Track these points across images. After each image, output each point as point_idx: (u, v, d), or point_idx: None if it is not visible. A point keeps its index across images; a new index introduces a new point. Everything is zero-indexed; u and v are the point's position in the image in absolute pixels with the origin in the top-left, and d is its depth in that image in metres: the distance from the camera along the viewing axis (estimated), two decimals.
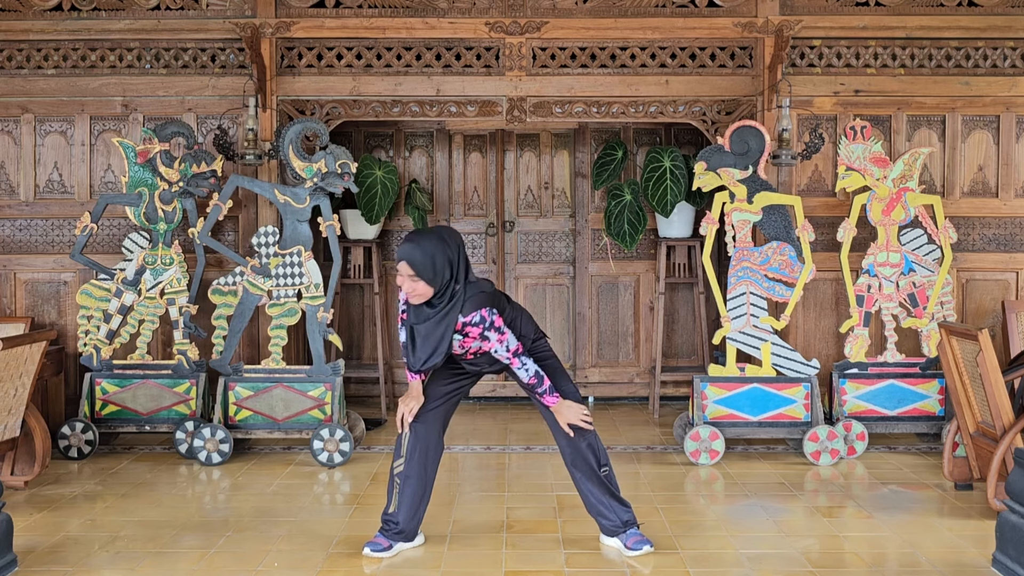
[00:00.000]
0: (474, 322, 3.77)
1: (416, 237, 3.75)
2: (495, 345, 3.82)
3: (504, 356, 3.83)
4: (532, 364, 3.85)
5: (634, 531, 3.96)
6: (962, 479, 4.83)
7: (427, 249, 3.70)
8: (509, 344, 3.83)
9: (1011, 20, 6.11)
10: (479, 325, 3.78)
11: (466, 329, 3.79)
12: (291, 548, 4.04)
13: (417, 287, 3.71)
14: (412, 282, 3.71)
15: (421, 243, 3.72)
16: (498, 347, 3.82)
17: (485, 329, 3.78)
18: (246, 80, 6.08)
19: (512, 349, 3.83)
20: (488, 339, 3.81)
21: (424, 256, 3.68)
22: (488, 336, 3.80)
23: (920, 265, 5.78)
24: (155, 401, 5.73)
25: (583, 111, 6.21)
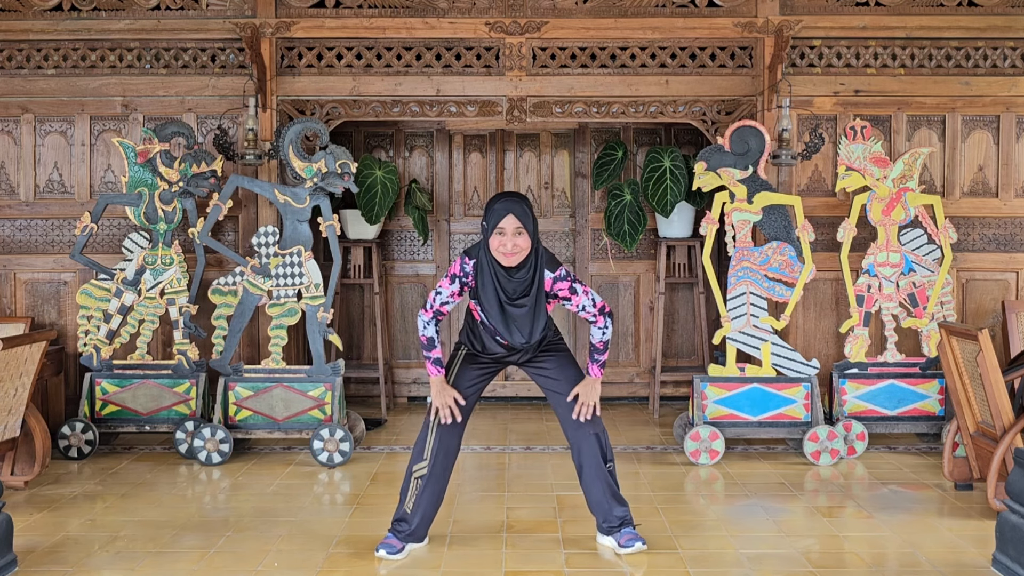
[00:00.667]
0: (562, 275, 3.80)
1: (507, 194, 3.78)
2: (582, 299, 3.84)
3: (592, 311, 3.85)
4: (611, 327, 3.89)
5: (628, 529, 3.96)
6: (962, 479, 4.83)
7: (523, 201, 3.73)
8: (594, 297, 3.87)
9: (1011, 20, 6.11)
10: (567, 279, 3.81)
11: (556, 286, 3.80)
12: (291, 548, 4.04)
13: (520, 241, 3.70)
14: (517, 236, 3.70)
15: (514, 198, 3.73)
16: (585, 300, 3.85)
17: (573, 282, 3.82)
18: (246, 80, 6.08)
19: (599, 304, 3.87)
20: (576, 292, 3.83)
21: (525, 207, 3.71)
22: (576, 289, 3.83)
23: (920, 265, 5.78)
24: (155, 401, 5.73)
25: (583, 111, 6.21)
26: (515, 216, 3.68)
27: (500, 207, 3.71)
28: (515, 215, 3.68)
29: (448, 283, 3.85)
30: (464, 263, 3.82)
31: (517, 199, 3.76)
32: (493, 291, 3.78)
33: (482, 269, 3.78)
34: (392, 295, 7.41)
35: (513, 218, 3.68)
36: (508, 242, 3.70)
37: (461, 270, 3.83)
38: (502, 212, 3.69)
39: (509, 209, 3.69)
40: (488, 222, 3.73)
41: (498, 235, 3.71)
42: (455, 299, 3.90)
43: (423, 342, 3.94)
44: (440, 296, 3.88)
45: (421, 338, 3.95)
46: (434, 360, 3.94)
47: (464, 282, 3.85)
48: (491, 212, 3.73)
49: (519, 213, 3.69)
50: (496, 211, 3.71)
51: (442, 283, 3.88)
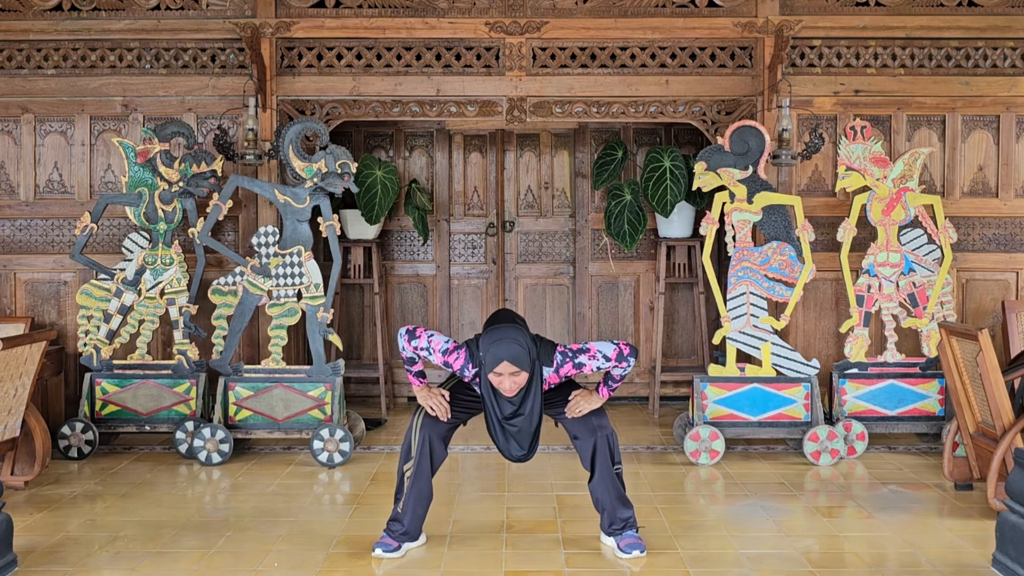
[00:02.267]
0: (560, 363, 3.83)
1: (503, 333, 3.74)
2: (594, 364, 3.86)
3: (611, 364, 3.86)
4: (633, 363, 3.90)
5: (631, 532, 3.96)
6: (962, 479, 4.83)
7: (521, 340, 3.72)
8: (605, 351, 3.86)
9: (1011, 20, 6.10)
10: (567, 360, 3.83)
11: (562, 372, 3.84)
12: (291, 548, 4.04)
13: (518, 379, 3.73)
14: (515, 377, 3.72)
15: (512, 337, 3.72)
16: (598, 363, 3.87)
17: (572, 360, 3.83)
18: (246, 80, 6.08)
19: (613, 353, 3.86)
20: (584, 364, 3.86)
21: (522, 348, 3.70)
22: (582, 363, 3.85)
23: (920, 265, 5.78)
24: (155, 401, 5.73)
25: (583, 111, 6.21)
26: (510, 363, 3.68)
27: (496, 352, 3.68)
28: (510, 361, 3.67)
29: (441, 359, 3.87)
30: (466, 368, 3.85)
31: (512, 338, 3.71)
32: (491, 409, 3.82)
33: (483, 383, 3.82)
34: (392, 295, 7.41)
35: (509, 364, 3.69)
36: (506, 382, 3.73)
37: (461, 373, 3.88)
38: (498, 358, 3.68)
39: (504, 356, 3.67)
40: (484, 360, 3.73)
41: (495, 376, 3.73)
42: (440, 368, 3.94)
43: (403, 358, 3.97)
44: (430, 355, 3.90)
45: (401, 355, 3.98)
46: (415, 373, 3.98)
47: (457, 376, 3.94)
48: (487, 353, 3.70)
49: (514, 358, 3.67)
50: (492, 356, 3.69)
51: (436, 348, 3.87)
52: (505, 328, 3.79)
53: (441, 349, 3.86)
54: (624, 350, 3.87)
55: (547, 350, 3.84)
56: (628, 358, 3.88)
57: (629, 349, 3.87)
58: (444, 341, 3.88)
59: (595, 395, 3.98)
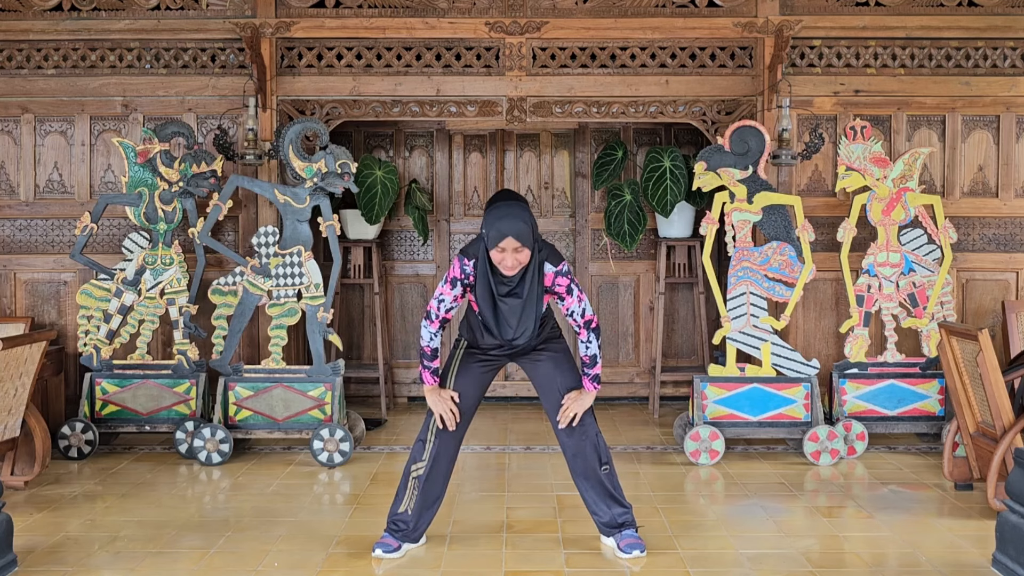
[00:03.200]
0: (564, 271, 3.79)
1: (507, 208, 3.69)
2: (574, 303, 3.82)
3: (579, 320, 3.83)
4: (596, 341, 3.86)
5: (630, 532, 3.95)
6: (962, 479, 4.83)
7: (525, 217, 3.68)
8: (586, 308, 3.84)
9: (1011, 20, 6.10)
10: (568, 276, 3.80)
11: (557, 280, 3.78)
12: (291, 548, 4.04)
13: (521, 256, 3.68)
14: (518, 253, 3.67)
15: (517, 213, 3.67)
16: (576, 306, 3.83)
17: (572, 283, 3.80)
18: (246, 80, 6.08)
19: (588, 316, 3.84)
20: (571, 294, 3.82)
21: (526, 224, 3.67)
22: (572, 291, 3.82)
23: (920, 265, 5.78)
24: (155, 401, 5.73)
25: (583, 111, 6.21)
26: (514, 238, 3.64)
27: (500, 227, 3.64)
28: (514, 236, 3.64)
29: (449, 288, 3.82)
30: (464, 264, 3.79)
31: (516, 214, 3.68)
32: (486, 285, 3.76)
33: (479, 268, 3.77)
34: (392, 295, 7.41)
35: (512, 239, 3.65)
36: (508, 259, 3.69)
37: (461, 272, 3.80)
38: (502, 233, 3.64)
39: (508, 231, 3.63)
40: (488, 236, 3.69)
41: (498, 252, 3.69)
42: (458, 303, 3.87)
43: (426, 352, 3.90)
44: (443, 304, 3.85)
45: (424, 348, 3.90)
46: (432, 370, 3.93)
47: (465, 284, 3.83)
48: (491, 228, 3.67)
49: (518, 233, 3.64)
50: (496, 230, 3.65)
51: (443, 289, 3.84)
52: (510, 205, 3.75)
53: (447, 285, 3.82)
54: (594, 322, 3.87)
55: (553, 252, 3.81)
56: (595, 331, 3.87)
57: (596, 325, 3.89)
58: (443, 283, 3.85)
59: (584, 394, 3.92)
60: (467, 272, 3.80)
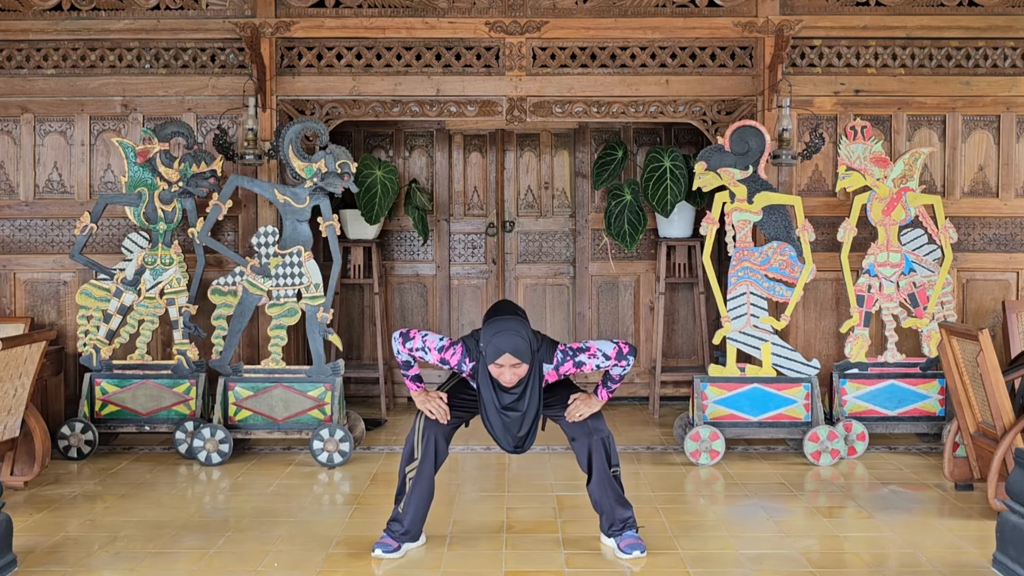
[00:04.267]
0: (560, 360, 3.82)
1: (505, 324, 3.73)
2: (593, 363, 3.85)
3: (611, 363, 3.86)
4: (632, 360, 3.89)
5: (631, 533, 3.95)
6: (962, 479, 4.83)
7: (523, 332, 3.71)
8: (605, 350, 3.85)
9: (1011, 20, 6.10)
10: (568, 358, 3.83)
11: (562, 370, 3.84)
12: (291, 548, 4.04)
13: (519, 371, 3.72)
14: (516, 368, 3.71)
15: (514, 329, 3.71)
16: (597, 362, 3.85)
17: (572, 359, 3.83)
18: (246, 80, 6.07)
19: (613, 352, 3.85)
20: (584, 363, 3.85)
21: (524, 340, 3.70)
22: (582, 361, 3.84)
23: (920, 265, 5.78)
24: (155, 401, 5.73)
25: (583, 111, 6.21)
26: (512, 355, 3.67)
27: (497, 343, 3.66)
28: (512, 353, 3.66)
29: (437, 357, 3.86)
30: (463, 363, 3.84)
31: (514, 330, 3.70)
32: (490, 397, 3.80)
33: (481, 374, 3.80)
34: (392, 295, 7.41)
35: (510, 356, 3.67)
36: (507, 374, 3.72)
37: (459, 368, 3.87)
38: (500, 350, 3.66)
39: (506, 348, 3.66)
40: (486, 351, 3.71)
41: (496, 367, 3.72)
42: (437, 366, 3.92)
43: (398, 363, 3.96)
44: (425, 355, 3.89)
45: (396, 359, 3.97)
46: (412, 377, 3.97)
47: (455, 372, 3.92)
48: (489, 344, 3.69)
49: (516, 350, 3.66)
50: (493, 347, 3.67)
51: (431, 346, 3.86)
52: (507, 320, 3.78)
53: (436, 347, 3.86)
54: (623, 349, 3.86)
55: (548, 347, 3.84)
56: (627, 356, 3.87)
57: (628, 348, 3.87)
58: (439, 339, 3.88)
59: (594, 398, 3.97)
60: (464, 369, 3.87)
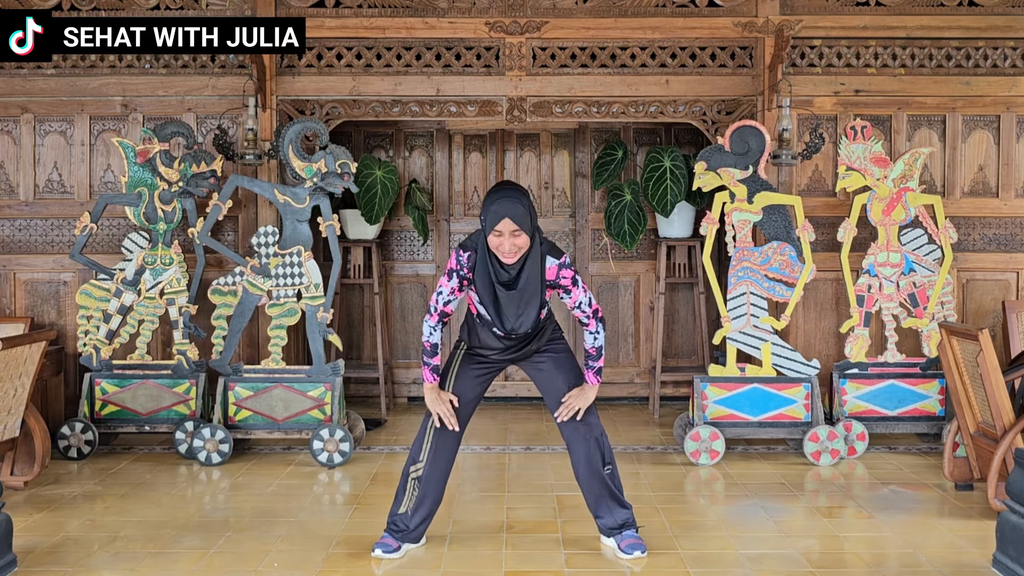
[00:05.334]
0: (566, 263, 3.78)
1: (505, 192, 3.68)
2: (580, 295, 3.81)
3: (587, 311, 3.83)
4: (603, 332, 3.86)
5: (631, 533, 3.94)
6: (962, 479, 4.83)
7: (523, 201, 3.67)
8: (591, 298, 3.85)
9: (1011, 20, 6.10)
10: (571, 268, 3.79)
11: (561, 273, 3.77)
12: (291, 548, 4.04)
13: (518, 241, 3.67)
14: (515, 237, 3.66)
15: (515, 196, 3.66)
16: (583, 297, 3.82)
17: (573, 274, 3.79)
18: (246, 80, 6.07)
19: (595, 306, 3.84)
20: (577, 285, 3.81)
21: (524, 207, 3.65)
22: (578, 282, 3.81)
23: (920, 265, 5.78)
24: (155, 401, 5.73)
25: (583, 111, 6.21)
26: (511, 219, 3.62)
27: (497, 208, 3.63)
28: (511, 218, 3.62)
29: (447, 280, 3.82)
30: (460, 256, 3.78)
31: (514, 197, 3.67)
32: (485, 274, 3.74)
33: (479, 259, 3.75)
34: (392, 295, 7.41)
35: (509, 221, 3.62)
36: (506, 243, 3.66)
37: (457, 263, 3.79)
38: (499, 215, 3.63)
39: (505, 212, 3.62)
40: (485, 221, 3.68)
41: (495, 236, 3.67)
42: (456, 296, 3.86)
43: (426, 347, 3.89)
44: (441, 296, 3.84)
45: (424, 343, 3.90)
46: (432, 367, 3.91)
47: (462, 276, 3.81)
48: (488, 212, 3.66)
49: (515, 215, 3.62)
50: (493, 212, 3.64)
51: (441, 282, 3.85)
52: (507, 190, 3.74)
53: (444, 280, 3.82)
54: (599, 311, 3.88)
55: (552, 246, 3.81)
56: (600, 321, 3.87)
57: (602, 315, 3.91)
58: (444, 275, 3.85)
59: (587, 388, 3.91)
60: (463, 263, 3.78)
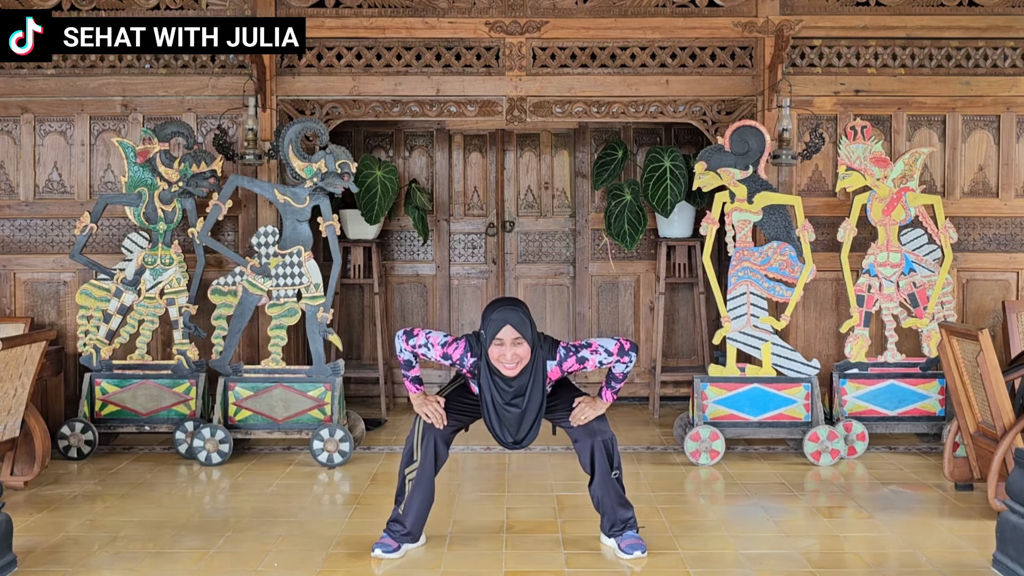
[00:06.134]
0: (563, 356, 3.82)
1: (505, 302, 3.78)
2: (595, 359, 3.85)
3: (612, 360, 3.86)
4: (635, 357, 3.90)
5: (631, 533, 3.95)
6: (962, 479, 4.83)
7: (522, 309, 3.74)
8: (607, 346, 3.86)
9: (1011, 20, 6.10)
10: (571, 355, 3.83)
11: (565, 367, 3.84)
12: (291, 548, 4.04)
13: (520, 351, 3.72)
14: (517, 346, 3.71)
15: (515, 306, 3.75)
16: (600, 358, 3.85)
17: (576, 356, 3.83)
18: (246, 80, 6.07)
19: (615, 348, 3.86)
20: (587, 360, 3.84)
21: (523, 317, 3.72)
22: (585, 357, 3.84)
23: (920, 265, 5.77)
24: (155, 401, 5.72)
25: (583, 111, 6.21)
26: (512, 327, 3.67)
27: (497, 317, 3.70)
28: (512, 326, 3.67)
29: (440, 352, 3.86)
30: (464, 357, 3.84)
31: (514, 307, 3.75)
32: (489, 393, 3.81)
33: (482, 371, 3.81)
34: (392, 295, 7.41)
35: (511, 329, 3.68)
36: (508, 352, 3.71)
37: (460, 362, 3.86)
38: (499, 323, 3.68)
39: (506, 320, 3.68)
40: (486, 331, 3.74)
41: (497, 346, 3.72)
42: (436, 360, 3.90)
43: (400, 362, 3.95)
44: (428, 351, 3.88)
45: (399, 359, 3.95)
46: (412, 379, 3.96)
47: (458, 369, 3.91)
48: (488, 322, 3.73)
49: (516, 323, 3.68)
50: (493, 321, 3.70)
51: (435, 345, 3.86)
52: (507, 300, 3.84)
53: (440, 343, 3.86)
54: (625, 345, 3.88)
55: (550, 345, 3.85)
56: (629, 352, 3.88)
57: (630, 344, 3.89)
58: (443, 335, 3.89)
59: (599, 401, 3.97)
60: (465, 365, 3.86)
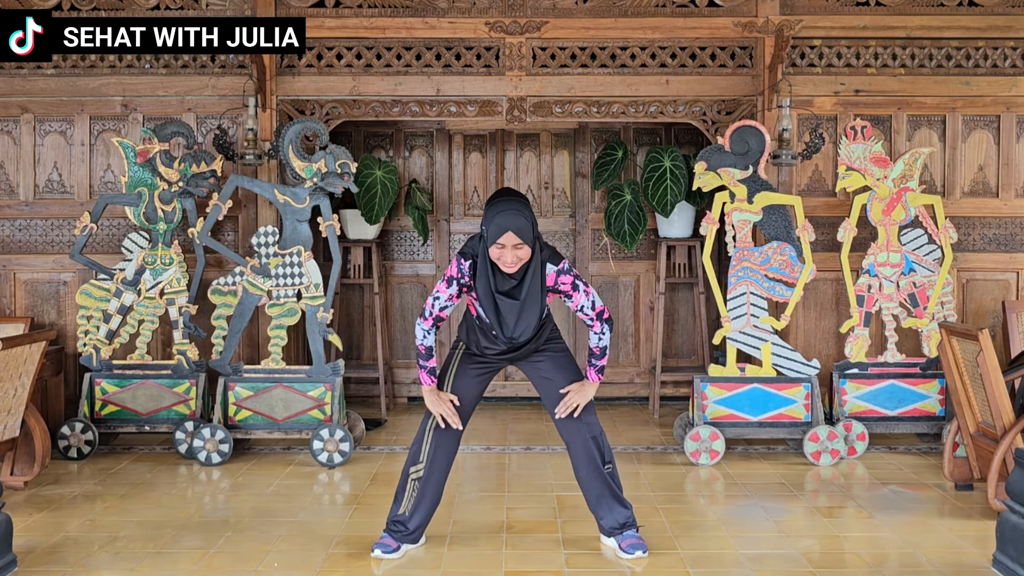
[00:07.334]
0: (565, 269, 3.78)
1: (508, 204, 3.67)
2: (582, 299, 3.81)
3: (590, 314, 3.83)
4: (609, 332, 3.87)
5: (631, 533, 3.94)
6: (962, 479, 4.83)
7: (525, 213, 3.67)
8: (595, 300, 3.84)
9: (1011, 20, 6.10)
10: (570, 273, 3.79)
11: (560, 279, 3.77)
12: (291, 548, 4.04)
13: (520, 253, 3.66)
14: (518, 250, 3.65)
15: (517, 209, 3.66)
16: (585, 300, 3.82)
17: (576, 279, 3.79)
18: (246, 80, 6.07)
19: (599, 307, 3.84)
20: (578, 290, 3.80)
21: (526, 220, 3.65)
22: (578, 286, 3.80)
23: (920, 265, 5.78)
24: (155, 401, 5.73)
25: (583, 111, 6.21)
26: (514, 233, 3.62)
27: (499, 222, 3.62)
28: (514, 232, 3.62)
29: (445, 287, 3.81)
30: (460, 264, 3.78)
31: (516, 210, 3.66)
32: (486, 283, 3.74)
33: (479, 268, 3.75)
34: (392, 295, 7.41)
35: (512, 235, 3.62)
36: (508, 255, 3.66)
37: (458, 271, 3.78)
38: (501, 228, 3.62)
39: (508, 226, 3.61)
40: (487, 232, 3.67)
41: (497, 248, 3.67)
42: (453, 302, 3.85)
43: (420, 351, 3.89)
44: (438, 301, 3.83)
45: (419, 347, 3.89)
46: (429, 370, 3.90)
47: (462, 283, 3.80)
48: (490, 224, 3.65)
49: (517, 229, 3.62)
50: (496, 225, 3.63)
51: (439, 287, 3.83)
52: (510, 201, 3.72)
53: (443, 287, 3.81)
54: (604, 313, 3.87)
55: (553, 253, 3.80)
56: (607, 321, 3.87)
57: (608, 316, 3.89)
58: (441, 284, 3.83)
59: (587, 385, 3.91)
60: (463, 271, 3.78)
